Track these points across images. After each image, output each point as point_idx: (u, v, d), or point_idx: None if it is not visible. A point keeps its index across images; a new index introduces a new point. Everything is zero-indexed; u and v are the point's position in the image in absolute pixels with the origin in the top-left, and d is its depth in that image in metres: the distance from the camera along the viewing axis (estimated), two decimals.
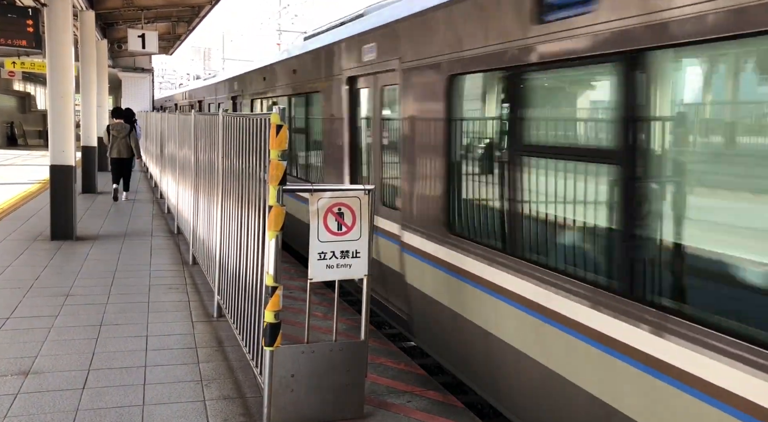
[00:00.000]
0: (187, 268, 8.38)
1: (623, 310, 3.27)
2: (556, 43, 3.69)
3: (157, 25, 21.19)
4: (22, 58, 27.16)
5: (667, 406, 3.03)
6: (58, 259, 8.66)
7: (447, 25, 4.99)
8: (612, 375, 3.34)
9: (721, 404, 2.77)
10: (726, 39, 2.70)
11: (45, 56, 10.21)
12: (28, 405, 4.36)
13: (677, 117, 3.13)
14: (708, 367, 2.82)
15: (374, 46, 6.45)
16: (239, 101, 13.98)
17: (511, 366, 4.22)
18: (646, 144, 3.20)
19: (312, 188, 4.14)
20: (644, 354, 3.14)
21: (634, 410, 3.22)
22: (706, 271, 2.99)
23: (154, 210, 13.51)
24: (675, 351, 2.97)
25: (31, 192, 15.58)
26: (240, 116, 5.22)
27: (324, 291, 7.62)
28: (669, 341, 3.00)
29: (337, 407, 4.26)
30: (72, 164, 10.12)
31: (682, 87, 3.15)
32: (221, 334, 5.88)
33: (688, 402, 2.91)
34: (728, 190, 2.89)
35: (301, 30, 49.53)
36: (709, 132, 3.02)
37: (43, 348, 5.41)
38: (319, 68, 8.37)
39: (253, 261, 4.66)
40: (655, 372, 3.08)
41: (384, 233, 6.38)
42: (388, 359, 5.49)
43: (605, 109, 3.52)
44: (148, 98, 30.05)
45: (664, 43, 2.98)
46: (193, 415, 4.29)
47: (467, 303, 4.73)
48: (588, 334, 3.49)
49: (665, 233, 3.15)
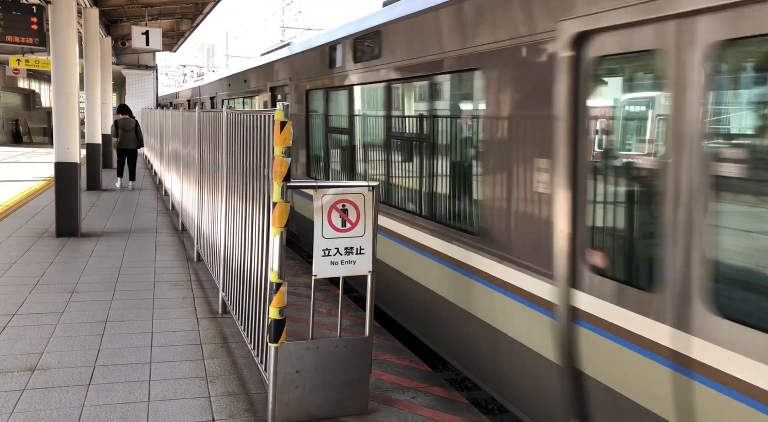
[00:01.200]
0: (192, 265, 8.40)
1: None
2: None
3: (160, 21, 21.22)
4: (26, 56, 27.24)
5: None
6: (63, 256, 8.69)
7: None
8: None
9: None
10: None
11: (49, 53, 10.23)
12: (34, 401, 4.39)
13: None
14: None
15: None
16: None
17: None
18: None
19: (316, 185, 4.14)
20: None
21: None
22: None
23: (158, 207, 13.54)
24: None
25: (36, 189, 15.63)
26: (244, 113, 5.23)
27: (328, 288, 7.63)
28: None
29: (342, 403, 4.27)
30: (77, 161, 10.15)
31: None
32: (226, 331, 5.89)
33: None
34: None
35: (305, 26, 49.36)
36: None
37: (49, 344, 5.43)
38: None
39: (258, 257, 4.67)
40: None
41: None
42: (392, 355, 5.49)
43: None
44: (152, 95, 30.09)
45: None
46: (198, 411, 4.31)
47: None
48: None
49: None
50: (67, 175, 10.06)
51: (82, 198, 10.76)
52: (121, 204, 13.76)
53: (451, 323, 5.18)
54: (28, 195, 14.59)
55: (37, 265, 8.12)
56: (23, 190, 15.32)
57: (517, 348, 4.29)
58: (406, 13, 6.01)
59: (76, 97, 10.24)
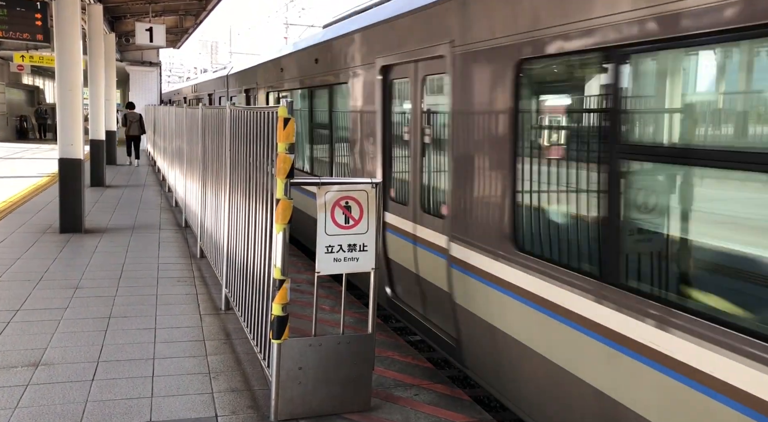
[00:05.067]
0: (195, 261, 8.41)
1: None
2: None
3: (164, 18, 21.21)
4: (30, 52, 27.27)
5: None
6: (67, 252, 8.71)
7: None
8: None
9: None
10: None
11: (53, 50, 10.24)
12: (37, 396, 4.40)
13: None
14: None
15: None
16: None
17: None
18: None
19: (319, 181, 4.14)
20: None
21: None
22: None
23: (162, 203, 13.55)
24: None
25: (40, 185, 15.65)
26: (248, 109, 5.23)
27: (331, 285, 7.64)
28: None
29: (345, 400, 4.28)
30: (80, 157, 10.16)
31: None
32: (229, 327, 5.90)
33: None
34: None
35: (308, 23, 49.27)
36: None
37: (53, 340, 5.45)
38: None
39: (261, 254, 4.68)
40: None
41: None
42: (395, 352, 5.50)
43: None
44: (156, 92, 30.09)
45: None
46: (201, 407, 4.32)
47: None
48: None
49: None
50: (71, 171, 10.07)
51: (86, 194, 10.78)
52: (124, 200, 13.79)
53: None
54: (31, 191, 14.62)
55: (40, 261, 8.14)
56: (27, 186, 15.35)
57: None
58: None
59: (80, 94, 10.26)
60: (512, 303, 4.16)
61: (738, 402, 2.62)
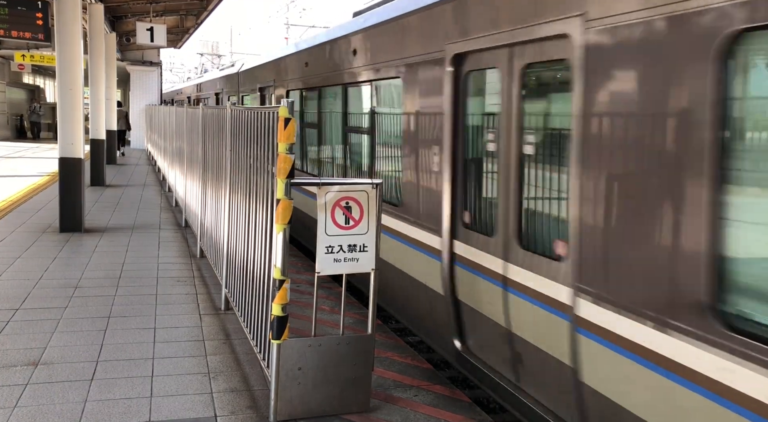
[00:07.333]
0: (195, 261, 8.41)
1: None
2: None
3: (165, 18, 21.24)
4: (31, 51, 27.26)
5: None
6: (67, 251, 8.71)
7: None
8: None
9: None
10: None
11: (54, 49, 10.24)
12: (37, 395, 4.40)
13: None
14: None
15: None
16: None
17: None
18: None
19: (320, 182, 4.14)
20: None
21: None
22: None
23: (162, 203, 13.55)
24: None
25: (40, 184, 15.65)
26: (248, 109, 5.24)
27: (331, 285, 7.63)
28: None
29: (344, 400, 4.27)
30: (80, 157, 10.16)
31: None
32: (228, 327, 5.90)
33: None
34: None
35: (309, 24, 49.39)
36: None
37: (52, 339, 5.45)
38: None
39: (261, 254, 4.67)
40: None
41: None
42: (394, 353, 5.49)
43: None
44: (156, 91, 30.10)
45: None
46: (200, 407, 4.31)
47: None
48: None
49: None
50: (71, 171, 10.07)
51: (86, 193, 10.78)
52: (124, 200, 13.78)
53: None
54: (31, 190, 14.61)
55: (40, 260, 8.13)
56: (27, 186, 15.35)
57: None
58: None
59: (81, 93, 10.26)
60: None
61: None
